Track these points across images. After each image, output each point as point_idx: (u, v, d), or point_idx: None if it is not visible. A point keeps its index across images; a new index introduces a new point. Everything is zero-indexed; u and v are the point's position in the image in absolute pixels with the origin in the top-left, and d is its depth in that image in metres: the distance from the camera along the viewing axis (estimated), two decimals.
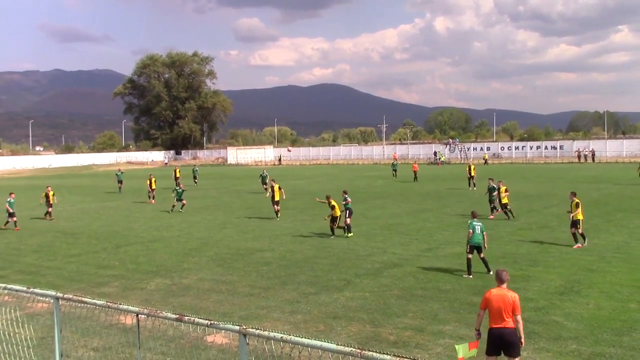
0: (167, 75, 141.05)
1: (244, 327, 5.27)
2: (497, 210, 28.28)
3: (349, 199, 24.04)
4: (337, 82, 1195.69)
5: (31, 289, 6.83)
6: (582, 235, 20.16)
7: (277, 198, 29.72)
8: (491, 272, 15.94)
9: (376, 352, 4.49)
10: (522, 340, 8.70)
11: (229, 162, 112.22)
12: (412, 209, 31.96)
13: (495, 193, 28.33)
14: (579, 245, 19.86)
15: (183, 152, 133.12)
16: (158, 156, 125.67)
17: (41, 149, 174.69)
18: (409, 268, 17.30)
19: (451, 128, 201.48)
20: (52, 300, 6.48)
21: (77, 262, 19.82)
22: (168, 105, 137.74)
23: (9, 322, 7.28)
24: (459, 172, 59.52)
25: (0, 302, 7.59)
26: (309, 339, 4.96)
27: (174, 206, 33.64)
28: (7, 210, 27.90)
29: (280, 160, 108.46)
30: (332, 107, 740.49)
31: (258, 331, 5.17)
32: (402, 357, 4.39)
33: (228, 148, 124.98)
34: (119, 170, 50.07)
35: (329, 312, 13.12)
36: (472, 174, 42.98)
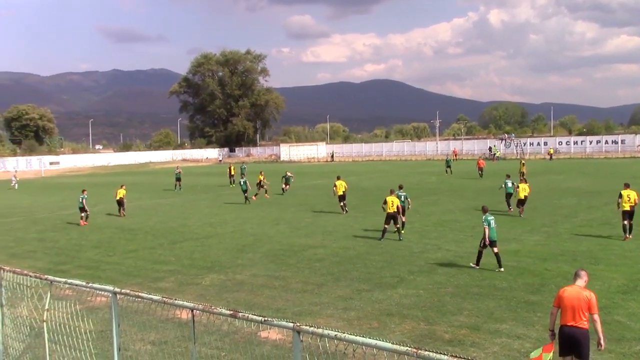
0: (220, 74, 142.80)
1: (298, 324, 5.24)
2: (510, 207, 28.68)
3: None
4: (389, 78, 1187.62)
5: (90, 284, 6.98)
6: (630, 226, 20.56)
7: (339, 193, 30.07)
8: (502, 269, 16.20)
9: (432, 351, 4.39)
10: (602, 341, 8.31)
11: (281, 159, 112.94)
12: (466, 205, 31.45)
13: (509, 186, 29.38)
14: (627, 237, 20.32)
15: (237, 149, 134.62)
16: (212, 153, 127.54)
17: (100, 147, 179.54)
18: (463, 265, 17.02)
19: (506, 123, 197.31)
20: (110, 295, 6.61)
21: (134, 257, 20.29)
22: (222, 103, 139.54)
23: (70, 315, 7.47)
24: (515, 167, 58.30)
25: (61, 296, 7.78)
26: (362, 336, 4.89)
27: (246, 198, 36.17)
28: (83, 206, 29.18)
29: (332, 156, 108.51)
30: (384, 103, 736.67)
31: (312, 329, 5.13)
32: (459, 357, 4.28)
33: (281, 145, 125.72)
34: (177, 168, 51.03)
35: (383, 309, 13.01)
36: (522, 170, 42.69)
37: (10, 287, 7.77)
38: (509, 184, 29.67)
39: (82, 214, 29.30)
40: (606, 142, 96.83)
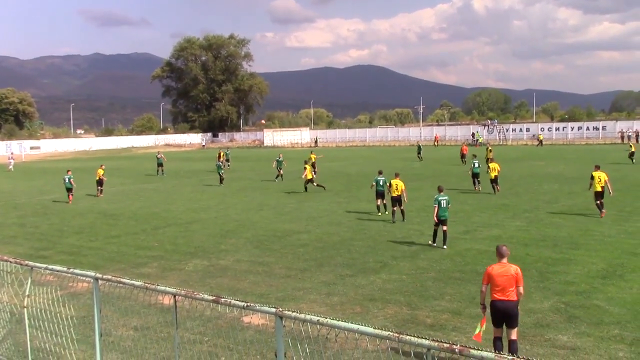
0: (204, 58, 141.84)
1: (280, 309, 5.25)
2: (477, 186, 31.49)
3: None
4: (374, 64, 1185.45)
5: (72, 270, 6.94)
6: (601, 204, 22.20)
7: (309, 176, 32.31)
8: (446, 247, 17.34)
9: (414, 336, 4.42)
10: (518, 309, 9.18)
11: (265, 144, 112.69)
12: (449, 191, 31.56)
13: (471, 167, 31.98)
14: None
15: (220, 134, 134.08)
16: (196, 139, 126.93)
17: (82, 132, 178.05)
18: (446, 251, 17.13)
19: (490, 109, 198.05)
20: (91, 281, 6.57)
21: (117, 243, 20.18)
22: (205, 87, 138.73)
23: (51, 301, 7.42)
24: (497, 154, 58.65)
25: (43, 282, 7.73)
26: (345, 321, 4.91)
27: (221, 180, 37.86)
28: (71, 186, 31.77)
29: (316, 142, 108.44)
30: (368, 89, 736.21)
31: (294, 314, 5.14)
32: (441, 341, 4.32)
33: (264, 130, 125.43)
34: (159, 153, 50.67)
35: (366, 294, 13.08)
36: (489, 156, 42.81)
37: None
38: (476, 164, 31.84)
39: (70, 193, 31.54)
40: (587, 128, 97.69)
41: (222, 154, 53.77)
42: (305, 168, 33.34)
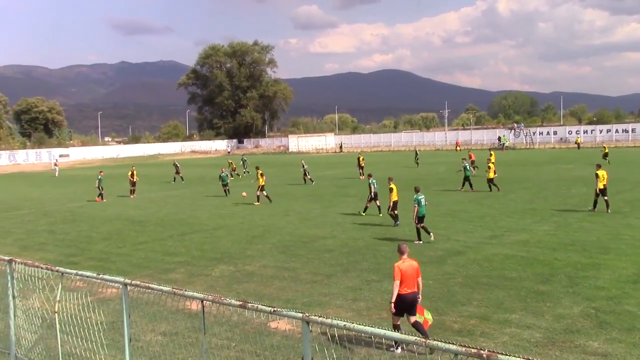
0: (228, 65, 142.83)
1: (307, 314, 5.26)
2: (472, 187, 33.17)
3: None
4: (398, 68, 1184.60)
5: (101, 275, 7.03)
6: (607, 202, 24.03)
7: (260, 183, 31.59)
8: (421, 242, 19.01)
9: (441, 341, 4.40)
10: (420, 296, 10.30)
11: (290, 150, 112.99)
12: (475, 195, 31.39)
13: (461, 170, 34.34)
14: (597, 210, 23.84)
15: (245, 140, 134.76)
16: (221, 145, 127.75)
17: (109, 139, 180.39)
18: (472, 255, 17.00)
19: (516, 112, 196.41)
20: (120, 286, 6.65)
21: (144, 249, 20.38)
22: (230, 94, 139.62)
23: (81, 306, 7.53)
24: (524, 157, 58.10)
25: (72, 288, 7.84)
26: (371, 327, 4.90)
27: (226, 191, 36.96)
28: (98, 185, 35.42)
29: (341, 147, 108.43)
30: (393, 93, 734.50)
31: (321, 319, 5.15)
32: (468, 346, 4.29)
33: (289, 136, 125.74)
34: (175, 162, 51.85)
35: None
36: (493, 160, 42.31)
37: (22, 279, 7.84)
38: (468, 167, 34.18)
39: (100, 193, 35.20)
40: (616, 130, 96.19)
41: (231, 162, 54.09)
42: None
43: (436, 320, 11.52)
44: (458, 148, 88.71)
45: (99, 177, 36.21)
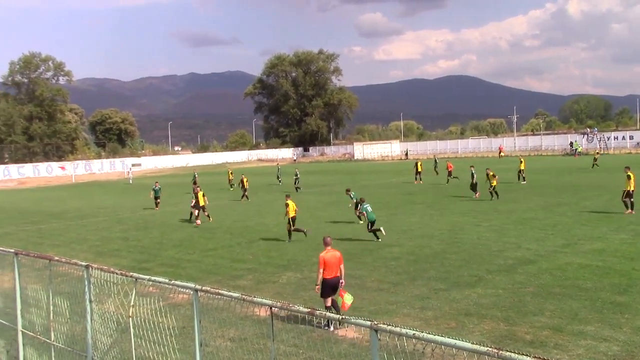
0: (294, 74, 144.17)
1: (375, 322, 5.21)
2: (478, 192, 34.39)
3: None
4: (464, 74, 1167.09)
5: (173, 281, 7.19)
6: (632, 203, 24.88)
7: (201, 203, 29.63)
8: (380, 240, 21.30)
9: (514, 352, 4.27)
10: (343, 280, 12.38)
11: (355, 158, 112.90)
12: (547, 202, 30.50)
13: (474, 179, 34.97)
14: (630, 211, 24.71)
15: (311, 148, 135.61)
16: (287, 153, 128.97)
17: (179, 148, 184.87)
18: (545, 264, 16.50)
19: (588, 117, 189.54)
20: (191, 292, 6.78)
21: (213, 255, 20.77)
22: (296, 103, 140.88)
23: (154, 311, 7.72)
24: (598, 163, 56.06)
25: (145, 293, 8.06)
26: (441, 336, 4.81)
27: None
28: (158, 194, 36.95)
29: (407, 154, 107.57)
30: (459, 99, 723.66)
31: (390, 327, 5.09)
32: (542, 358, 4.14)
33: (354, 144, 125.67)
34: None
35: (461, 308, 12.79)
36: (522, 167, 42.89)
37: (98, 284, 8.11)
38: (473, 173, 35.37)
39: (157, 202, 36.70)
40: None
41: (231, 172, 53.99)
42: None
43: (507, 331, 11.24)
44: (501, 154, 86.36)
45: (155, 187, 37.38)
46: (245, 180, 40.54)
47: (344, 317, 5.54)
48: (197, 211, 29.35)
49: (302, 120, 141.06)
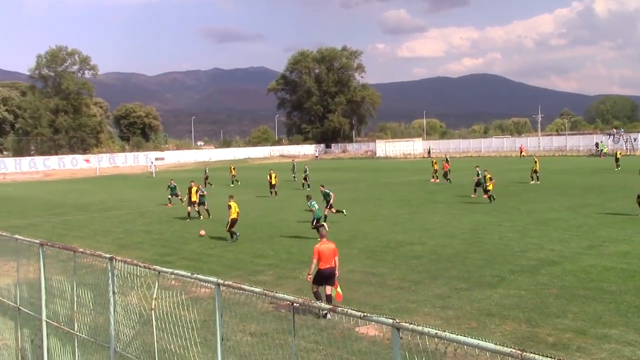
0: (317, 71, 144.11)
1: (397, 320, 5.19)
2: (475, 193, 34.58)
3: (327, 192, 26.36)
4: (488, 72, 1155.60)
5: (195, 275, 7.22)
6: None
7: (193, 199, 29.47)
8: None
9: (539, 354, 4.22)
10: (337, 272, 12.96)
11: (377, 155, 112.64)
12: (571, 203, 30.14)
13: (477, 178, 34.69)
14: None
15: (333, 145, 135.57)
16: (309, 150, 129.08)
17: (202, 143, 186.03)
18: (568, 266, 16.31)
19: (615, 117, 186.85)
20: (213, 286, 6.81)
21: (235, 250, 20.87)
22: (318, 99, 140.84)
23: (176, 304, 7.77)
24: (625, 164, 55.35)
25: (167, 286, 8.11)
26: (464, 336, 4.76)
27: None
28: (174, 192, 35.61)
29: (429, 152, 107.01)
30: (483, 98, 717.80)
31: (412, 326, 5.06)
32: None
33: (377, 141, 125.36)
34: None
35: (482, 309, 12.70)
36: (536, 167, 42.57)
37: (122, 276, 8.18)
38: (479, 173, 34.65)
39: (170, 200, 35.69)
40: None
41: (234, 168, 53.78)
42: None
43: (529, 332, 11.14)
44: (522, 154, 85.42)
45: (170, 184, 36.25)
46: (274, 175, 40.53)
47: (365, 314, 5.52)
48: (190, 208, 29.35)
49: (324, 117, 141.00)
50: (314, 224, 21.89)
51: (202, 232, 24.50)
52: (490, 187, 32.22)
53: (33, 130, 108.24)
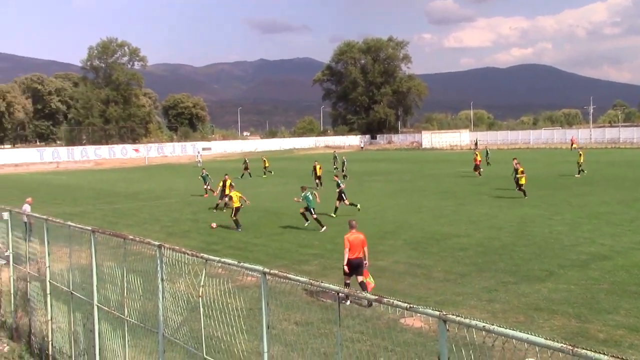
0: (363, 61, 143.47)
1: (444, 312, 5.13)
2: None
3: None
4: (538, 62, 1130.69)
5: (241, 264, 7.29)
6: None
7: (227, 192, 27.82)
8: (324, 228, 22.22)
9: (591, 350, 4.11)
10: (367, 261, 13.31)
11: (423, 147, 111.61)
12: (624, 197, 29.30)
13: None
14: None
15: (378, 136, 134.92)
16: (354, 140, 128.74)
17: (248, 134, 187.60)
18: (620, 261, 15.89)
19: None
20: (259, 275, 6.85)
21: (280, 240, 21.02)
22: (364, 90, 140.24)
23: (222, 292, 7.86)
24: None
25: (214, 274, 8.21)
26: (512, 329, 4.68)
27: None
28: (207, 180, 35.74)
29: (476, 144, 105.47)
30: (532, 89, 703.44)
31: (459, 318, 5.00)
32: (619, 357, 3.96)
33: (423, 132, 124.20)
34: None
35: (530, 303, 12.49)
36: (580, 160, 42.08)
37: (170, 263, 8.32)
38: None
39: (205, 188, 35.42)
40: None
41: (247, 162, 52.23)
42: None
43: (579, 328, 10.90)
44: (573, 146, 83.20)
45: (202, 174, 36.67)
46: (318, 167, 40.78)
47: (411, 305, 5.47)
48: (221, 200, 29.16)
49: (370, 108, 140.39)
50: (305, 211, 22.93)
51: (214, 225, 24.58)
52: (522, 181, 30.38)
53: (85, 120, 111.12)
